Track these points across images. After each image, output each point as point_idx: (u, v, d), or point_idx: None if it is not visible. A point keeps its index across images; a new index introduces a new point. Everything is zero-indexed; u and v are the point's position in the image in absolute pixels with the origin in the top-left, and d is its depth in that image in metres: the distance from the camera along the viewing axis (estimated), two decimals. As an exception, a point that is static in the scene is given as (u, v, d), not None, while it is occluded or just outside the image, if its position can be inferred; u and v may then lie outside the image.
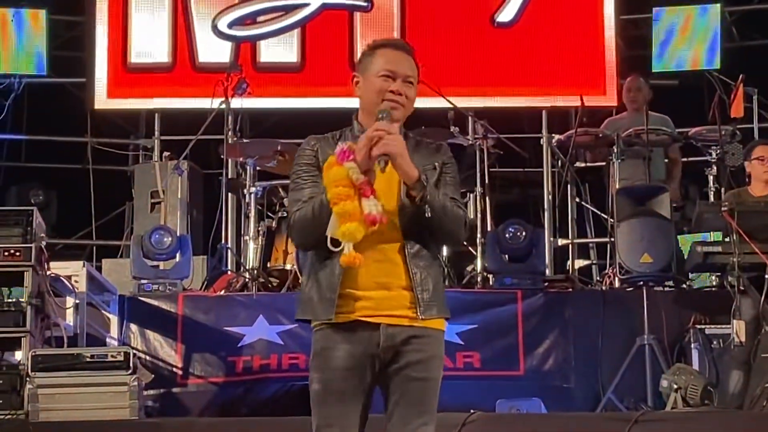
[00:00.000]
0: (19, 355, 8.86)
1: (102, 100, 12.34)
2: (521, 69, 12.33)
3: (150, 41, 12.41)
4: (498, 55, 12.32)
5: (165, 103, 12.48)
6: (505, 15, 12.24)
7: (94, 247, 12.59)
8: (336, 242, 4.54)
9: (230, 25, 12.28)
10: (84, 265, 9.95)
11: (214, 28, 12.28)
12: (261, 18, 12.31)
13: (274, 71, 12.25)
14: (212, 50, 12.31)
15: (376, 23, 12.25)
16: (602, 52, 12.25)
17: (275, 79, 12.12)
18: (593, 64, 12.27)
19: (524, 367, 9.54)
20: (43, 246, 9.00)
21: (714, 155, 10.49)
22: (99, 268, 10.88)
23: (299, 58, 12.30)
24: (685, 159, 11.33)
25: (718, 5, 12.36)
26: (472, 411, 7.94)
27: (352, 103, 9.99)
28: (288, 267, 10.06)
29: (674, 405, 8.36)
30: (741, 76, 11.04)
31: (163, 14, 12.38)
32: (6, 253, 8.77)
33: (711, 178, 10.46)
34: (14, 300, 8.81)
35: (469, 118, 11.24)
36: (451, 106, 10.88)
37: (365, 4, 12.32)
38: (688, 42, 12.37)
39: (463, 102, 11.21)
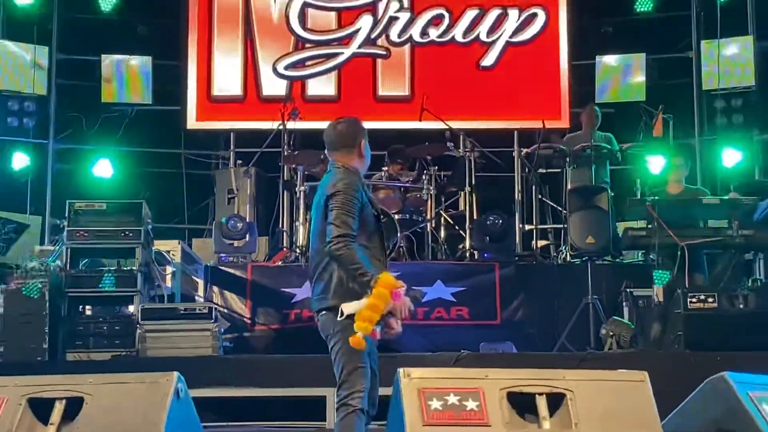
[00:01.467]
0: (132, 309, 9.29)
1: (192, 123, 12.41)
2: (499, 100, 12.28)
3: (227, 79, 12.44)
4: (482, 89, 12.26)
5: (238, 125, 12.48)
6: (487, 60, 12.32)
7: (187, 230, 12.53)
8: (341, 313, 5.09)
9: (286, 68, 12.39)
10: (179, 243, 10.45)
11: (274, 70, 12.35)
12: (308, 62, 12.41)
13: (318, 102, 12.17)
14: (273, 86, 12.34)
15: (393, 67, 12.36)
16: (559, 87, 12.25)
17: (319, 108, 11.88)
18: (552, 96, 12.22)
19: (501, 318, 9.78)
20: (149, 229, 9.55)
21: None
22: (190, 245, 11.08)
23: (336, 91, 12.38)
24: (621, 167, 11.32)
25: (644, 54, 12.51)
26: (462, 351, 8.21)
27: (375, 125, 10.29)
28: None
29: (610, 347, 8.69)
30: (660, 107, 11.24)
31: (237, 59, 12.42)
32: (123, 234, 9.35)
33: (638, 180, 10.56)
34: (129, 268, 9.33)
35: (461, 136, 11.15)
36: (447, 127, 11.05)
37: (384, 53, 12.38)
38: (621, 82, 12.53)
39: (456, 124, 11.24)
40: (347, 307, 5.10)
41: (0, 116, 12.36)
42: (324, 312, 5.33)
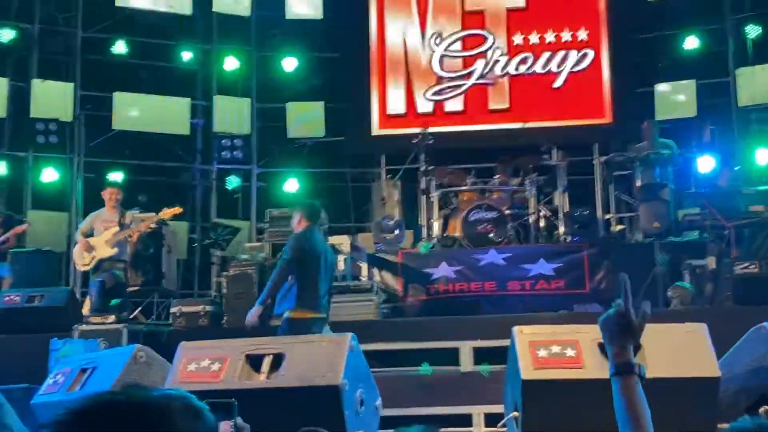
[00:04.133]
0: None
1: (375, 130, 12.87)
2: (565, 107, 12.62)
3: (396, 102, 12.97)
4: (557, 102, 12.69)
5: (402, 131, 12.31)
6: (558, 82, 12.78)
7: (353, 228, 12.48)
8: None
9: (432, 95, 12.91)
10: (348, 238, 10.61)
11: (424, 96, 12.92)
12: (445, 91, 12.95)
13: (452, 114, 12.86)
14: (423, 105, 12.90)
15: (498, 90, 12.91)
16: (602, 97, 12.61)
17: (453, 117, 12.78)
18: (599, 103, 12.56)
19: (589, 288, 9.60)
20: (326, 228, 9.40)
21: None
22: (356, 238, 11.21)
23: (463, 107, 12.93)
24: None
25: (693, 80, 12.29)
26: (561, 311, 8.47)
27: (488, 127, 12.00)
28: (456, 235, 9.96)
29: (676, 306, 8.58)
30: (707, 120, 11.12)
31: (401, 90, 12.99)
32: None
33: (692, 176, 10.25)
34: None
35: (553, 149, 10.74)
36: (542, 134, 11.05)
37: (492, 82, 12.86)
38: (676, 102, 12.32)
39: (538, 124, 11.90)
40: None
41: (217, 150, 12.69)
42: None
